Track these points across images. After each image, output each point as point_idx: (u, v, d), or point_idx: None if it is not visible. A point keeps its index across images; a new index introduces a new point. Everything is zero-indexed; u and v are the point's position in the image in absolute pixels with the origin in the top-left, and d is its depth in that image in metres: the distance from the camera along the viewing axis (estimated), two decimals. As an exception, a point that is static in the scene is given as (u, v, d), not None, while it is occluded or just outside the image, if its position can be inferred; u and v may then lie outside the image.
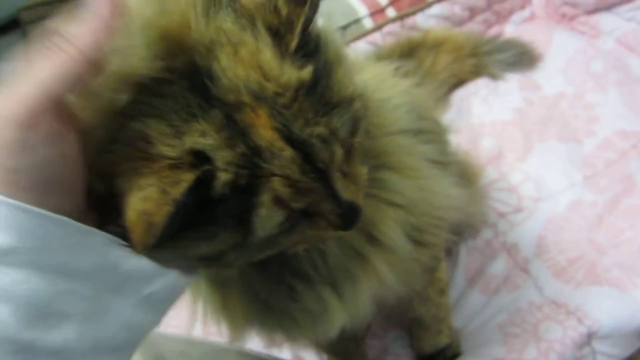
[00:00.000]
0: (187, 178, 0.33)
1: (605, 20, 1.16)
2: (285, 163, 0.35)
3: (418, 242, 0.53)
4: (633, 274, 0.79)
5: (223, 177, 0.34)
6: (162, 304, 0.40)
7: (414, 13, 1.21)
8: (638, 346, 0.77)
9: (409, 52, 1.10)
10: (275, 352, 0.69)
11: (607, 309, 0.76)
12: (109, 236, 0.35)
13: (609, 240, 0.86)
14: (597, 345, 0.75)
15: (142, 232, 0.33)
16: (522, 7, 1.26)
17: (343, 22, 1.22)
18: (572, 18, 1.20)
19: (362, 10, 1.23)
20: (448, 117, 1.12)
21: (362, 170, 0.43)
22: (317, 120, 0.36)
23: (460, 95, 1.15)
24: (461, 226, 0.86)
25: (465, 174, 0.88)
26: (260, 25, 0.36)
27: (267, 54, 0.35)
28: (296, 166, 0.36)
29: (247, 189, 0.36)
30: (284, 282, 0.49)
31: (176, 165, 0.34)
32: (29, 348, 0.32)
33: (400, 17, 1.21)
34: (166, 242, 0.34)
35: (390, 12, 1.23)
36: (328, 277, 0.51)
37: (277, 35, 0.36)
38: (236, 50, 0.35)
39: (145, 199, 0.33)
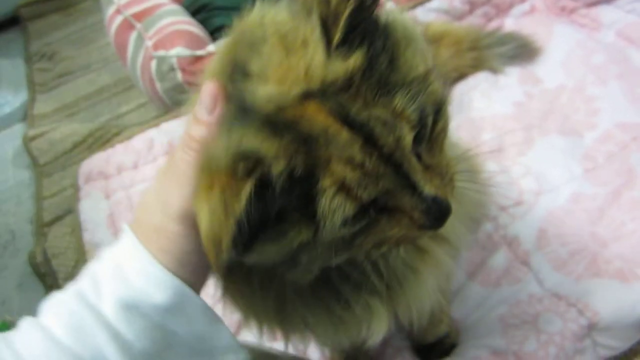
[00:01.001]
0: (246, 189, 0.33)
1: (605, 12, 1.15)
2: (344, 145, 0.33)
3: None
4: (634, 266, 0.79)
5: (275, 168, 0.33)
6: None
7: (413, 7, 1.21)
8: (638, 338, 0.77)
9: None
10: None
11: (607, 300, 0.76)
12: (216, 314, 0.44)
13: (610, 233, 0.85)
14: (598, 337, 0.75)
15: (214, 255, 0.35)
16: (522, 0, 1.26)
17: (343, 17, 1.21)
18: (572, 11, 1.20)
19: (362, 5, 1.23)
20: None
21: (451, 162, 0.40)
22: (376, 101, 0.34)
23: (460, 89, 1.15)
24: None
25: (465, 167, 0.88)
26: (315, 15, 0.35)
27: (312, 47, 0.34)
28: (357, 147, 0.33)
29: (306, 177, 0.34)
30: (331, 284, 0.47)
31: (234, 175, 0.34)
32: None
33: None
34: (241, 255, 0.36)
35: (390, 6, 1.22)
36: (379, 281, 0.49)
37: (326, 25, 0.34)
38: (283, 40, 0.35)
39: (212, 220, 0.35)
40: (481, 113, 1.10)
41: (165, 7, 1.31)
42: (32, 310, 1.16)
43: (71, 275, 1.07)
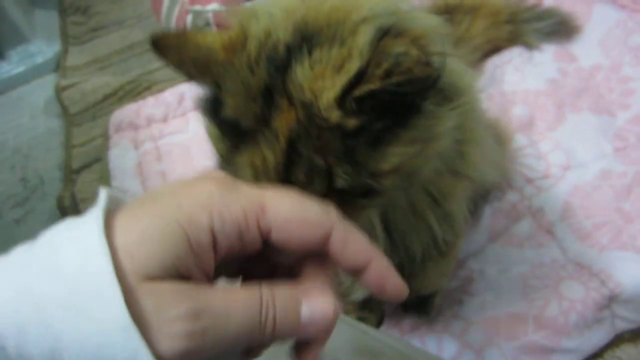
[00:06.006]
0: None
1: (648, -6, 1.13)
2: (275, 149, 0.39)
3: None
4: (659, 244, 0.79)
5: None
6: None
7: (452, -22, 1.20)
8: (658, 314, 0.77)
9: (445, 14, 1.09)
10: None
11: (630, 273, 0.76)
12: None
13: (637, 210, 0.85)
14: (617, 309, 0.76)
15: None
16: (563, -23, 1.24)
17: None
18: (614, -9, 1.18)
19: (400, -28, 1.22)
20: (480, 83, 1.11)
21: None
22: (321, 155, 0.38)
23: (494, 62, 1.14)
24: (489, 187, 0.87)
25: (497, 135, 0.88)
26: (360, 58, 0.37)
27: (333, 91, 0.37)
28: (277, 160, 0.39)
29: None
30: None
31: None
32: None
33: (439, -19, 1.19)
34: None
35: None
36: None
37: (364, 73, 0.36)
38: (316, 66, 0.38)
39: None
40: (513, 87, 1.09)
41: (202, -36, 1.31)
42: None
43: (98, 219, 1.09)
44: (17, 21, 1.53)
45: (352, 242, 0.31)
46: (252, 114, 0.39)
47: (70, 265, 0.26)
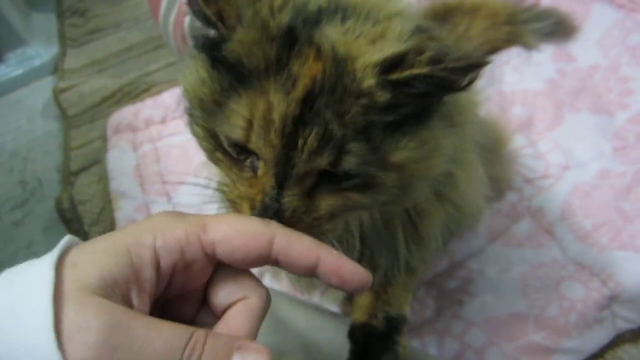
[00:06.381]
0: None
1: (646, -7, 1.13)
2: (289, 97, 0.35)
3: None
4: (659, 243, 0.79)
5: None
6: None
7: (451, -21, 1.20)
8: (658, 314, 0.77)
9: (444, 15, 1.08)
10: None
11: (631, 273, 0.76)
12: None
13: (637, 210, 0.85)
14: (618, 309, 0.76)
15: None
16: (561, -22, 1.24)
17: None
18: (612, -9, 1.18)
19: (398, -26, 1.22)
20: (479, 84, 1.11)
21: (322, 210, 0.39)
22: (340, 121, 0.35)
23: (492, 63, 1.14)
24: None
25: (493, 139, 0.88)
26: (387, 42, 0.37)
27: (375, 56, 0.36)
28: (293, 103, 0.35)
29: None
30: None
31: None
32: None
33: (437, -18, 1.19)
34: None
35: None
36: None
37: (401, 58, 0.36)
38: (349, 34, 0.37)
39: None
40: (512, 88, 1.09)
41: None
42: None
43: (97, 221, 1.09)
44: (15, 24, 1.53)
45: (296, 244, 0.32)
46: (264, 56, 0.36)
47: (21, 287, 0.28)
